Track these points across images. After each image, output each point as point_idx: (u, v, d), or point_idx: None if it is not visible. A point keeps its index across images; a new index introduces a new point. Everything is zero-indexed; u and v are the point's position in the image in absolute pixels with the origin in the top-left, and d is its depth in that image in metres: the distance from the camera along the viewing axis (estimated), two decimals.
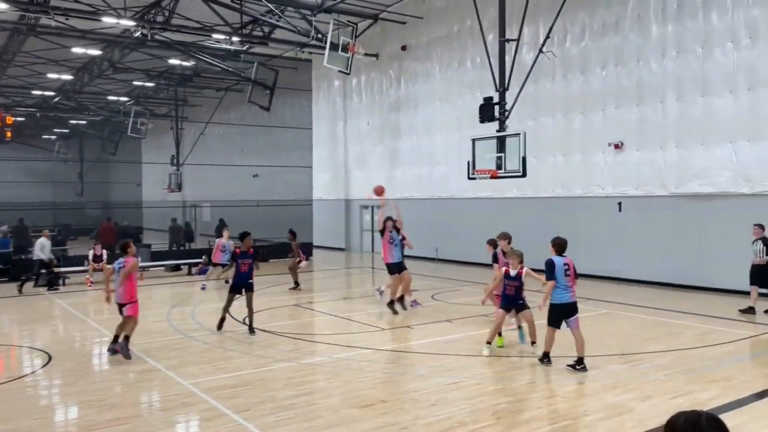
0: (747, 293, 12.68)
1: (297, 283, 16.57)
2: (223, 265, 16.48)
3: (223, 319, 11.14)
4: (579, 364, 8.33)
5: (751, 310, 12.26)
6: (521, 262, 9.19)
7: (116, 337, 9.41)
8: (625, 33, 17.09)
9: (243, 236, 11.59)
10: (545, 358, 8.61)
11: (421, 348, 9.92)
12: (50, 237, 18.66)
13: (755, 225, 12.57)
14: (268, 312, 13.17)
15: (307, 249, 17.89)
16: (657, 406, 6.92)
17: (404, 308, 12.89)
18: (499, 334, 9.65)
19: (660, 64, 16.28)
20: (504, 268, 9.42)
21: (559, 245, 8.69)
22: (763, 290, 12.53)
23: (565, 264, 8.51)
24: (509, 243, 10.53)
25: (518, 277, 9.16)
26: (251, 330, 10.85)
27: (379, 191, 13.29)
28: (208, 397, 7.35)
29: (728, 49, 14.88)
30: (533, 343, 9.37)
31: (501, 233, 10.78)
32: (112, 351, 9.35)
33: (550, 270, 8.48)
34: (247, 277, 11.05)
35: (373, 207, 27.34)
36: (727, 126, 14.93)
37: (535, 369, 8.59)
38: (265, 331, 11.14)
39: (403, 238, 12.88)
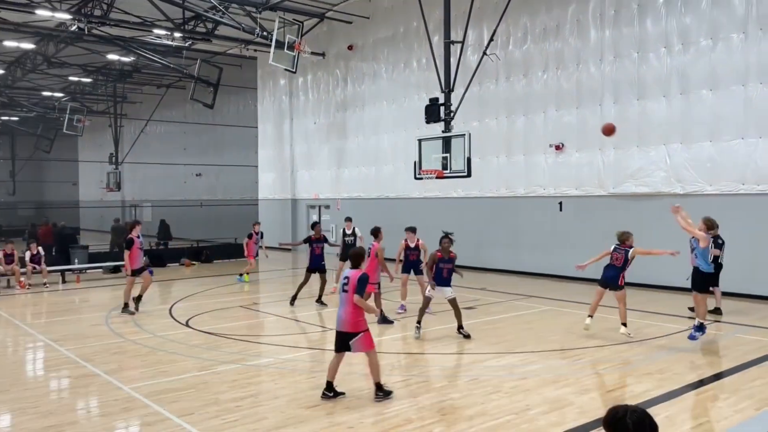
0: (683, 289, 12.68)
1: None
2: (143, 269, 13.62)
3: (295, 297, 13.61)
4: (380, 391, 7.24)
5: (717, 311, 12.16)
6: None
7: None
8: (565, 37, 17.57)
9: (313, 225, 14.69)
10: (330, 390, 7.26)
11: None
12: None
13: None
14: (210, 314, 12.94)
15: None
16: (595, 399, 7.15)
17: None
18: None
19: (598, 68, 16.82)
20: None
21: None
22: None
23: None
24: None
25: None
26: (293, 299, 13.57)
27: (609, 129, 11.71)
28: (150, 402, 7.17)
29: (662, 54, 15.50)
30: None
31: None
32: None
33: None
34: (320, 259, 13.68)
35: (320, 206, 27.23)
36: (660, 128, 15.56)
37: (477, 366, 8.74)
38: (209, 333, 10.94)
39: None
